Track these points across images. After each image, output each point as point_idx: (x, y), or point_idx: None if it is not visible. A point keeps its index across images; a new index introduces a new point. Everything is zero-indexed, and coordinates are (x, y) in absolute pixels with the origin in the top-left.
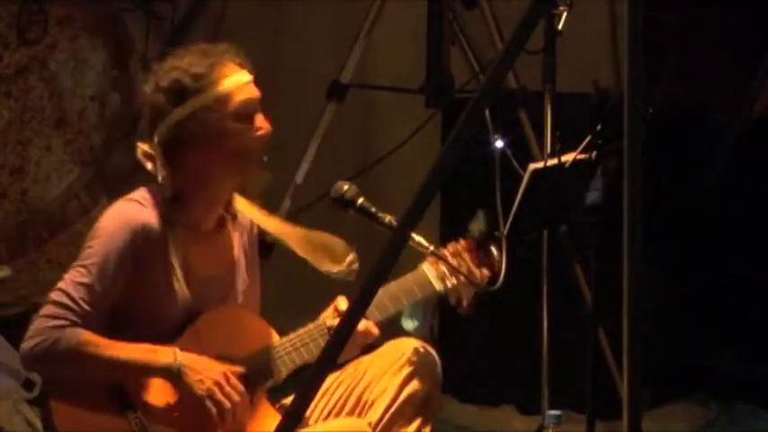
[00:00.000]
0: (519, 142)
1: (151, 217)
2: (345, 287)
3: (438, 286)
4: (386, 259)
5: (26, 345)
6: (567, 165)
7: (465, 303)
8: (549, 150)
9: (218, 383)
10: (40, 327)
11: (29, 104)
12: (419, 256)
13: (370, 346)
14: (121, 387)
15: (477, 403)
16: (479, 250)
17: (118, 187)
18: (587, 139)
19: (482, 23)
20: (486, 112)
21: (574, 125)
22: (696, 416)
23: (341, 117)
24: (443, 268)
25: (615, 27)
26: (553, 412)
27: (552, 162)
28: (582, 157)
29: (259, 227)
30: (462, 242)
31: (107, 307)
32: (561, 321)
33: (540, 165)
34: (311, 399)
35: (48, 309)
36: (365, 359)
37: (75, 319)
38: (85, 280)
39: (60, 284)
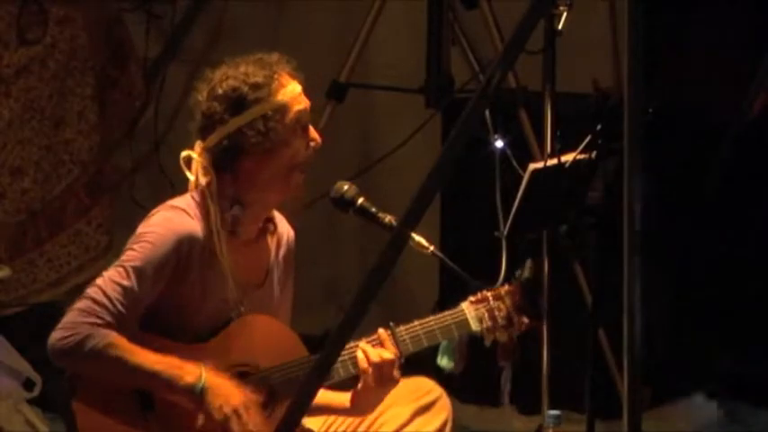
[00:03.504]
0: (519, 142)
1: (197, 227)
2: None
3: (475, 327)
4: (386, 259)
5: (55, 336)
6: (567, 165)
7: (500, 352)
8: (549, 150)
9: (236, 412)
10: (73, 320)
11: (29, 104)
12: (422, 258)
13: None
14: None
15: (477, 403)
16: (523, 297)
17: (118, 187)
18: (587, 139)
19: (482, 23)
20: (486, 112)
21: (574, 125)
22: (696, 416)
23: (341, 117)
24: (483, 309)
25: (615, 27)
26: (553, 412)
27: (552, 162)
28: (582, 157)
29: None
30: (507, 287)
31: (141, 309)
32: (561, 321)
33: (540, 165)
34: (310, 400)
35: (83, 303)
36: None
37: (108, 318)
38: (124, 282)
39: (98, 281)
